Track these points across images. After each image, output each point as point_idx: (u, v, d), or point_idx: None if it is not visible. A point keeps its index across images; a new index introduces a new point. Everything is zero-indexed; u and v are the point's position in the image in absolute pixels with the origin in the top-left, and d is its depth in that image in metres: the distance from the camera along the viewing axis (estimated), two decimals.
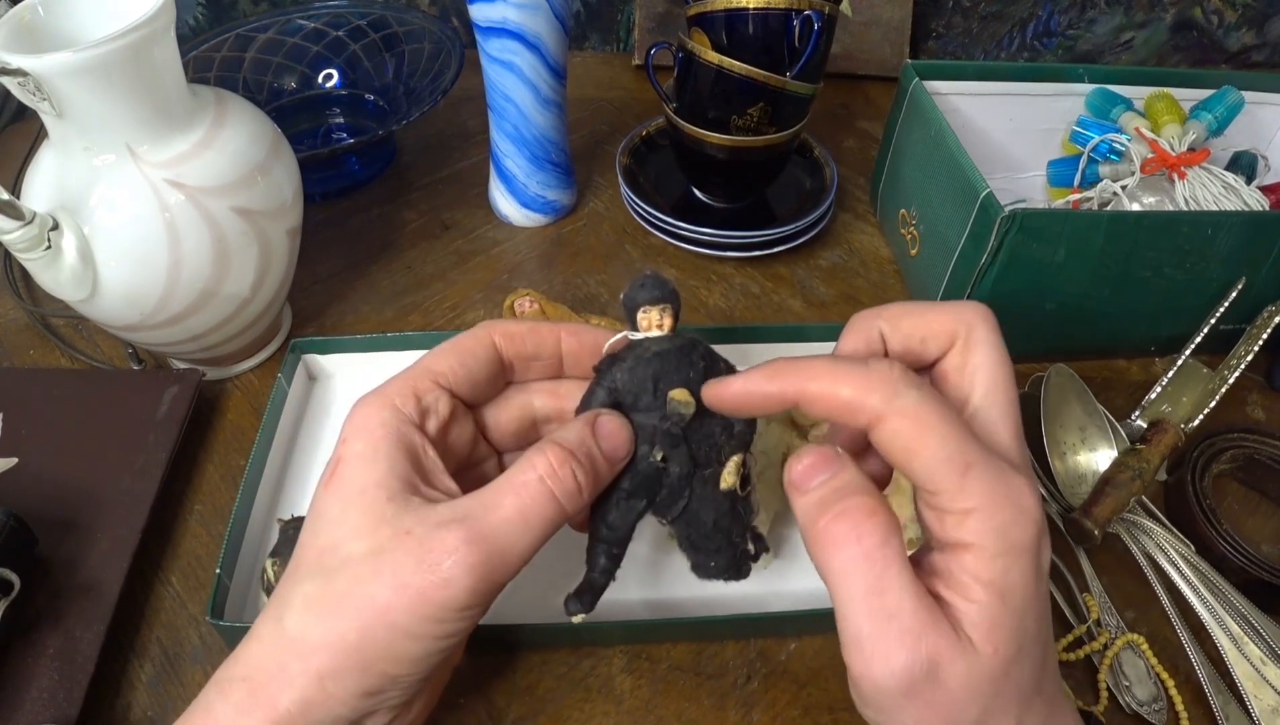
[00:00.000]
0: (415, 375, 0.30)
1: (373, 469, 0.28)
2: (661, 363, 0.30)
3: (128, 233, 0.41)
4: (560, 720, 0.38)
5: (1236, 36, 0.81)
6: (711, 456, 0.31)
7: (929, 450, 0.24)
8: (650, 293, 0.31)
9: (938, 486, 0.24)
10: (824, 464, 0.26)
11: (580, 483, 0.28)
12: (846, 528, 0.25)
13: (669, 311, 0.32)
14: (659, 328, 0.31)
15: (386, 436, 0.28)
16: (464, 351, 0.31)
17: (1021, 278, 0.48)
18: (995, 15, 0.82)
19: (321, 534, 0.28)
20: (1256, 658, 0.39)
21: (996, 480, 0.24)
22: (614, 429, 0.30)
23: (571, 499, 0.28)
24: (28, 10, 0.41)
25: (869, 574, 0.24)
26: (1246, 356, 0.49)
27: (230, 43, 0.69)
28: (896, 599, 0.24)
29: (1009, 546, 0.24)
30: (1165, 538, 0.43)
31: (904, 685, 0.24)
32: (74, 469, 0.44)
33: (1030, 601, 0.24)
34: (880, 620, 0.24)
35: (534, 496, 0.27)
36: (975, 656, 0.24)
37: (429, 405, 0.30)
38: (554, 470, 0.27)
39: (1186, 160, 0.55)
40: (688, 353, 0.30)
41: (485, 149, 0.63)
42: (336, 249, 0.62)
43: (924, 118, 0.54)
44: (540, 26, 0.54)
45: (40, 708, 0.36)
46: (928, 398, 0.25)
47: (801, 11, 0.51)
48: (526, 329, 0.33)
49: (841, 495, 0.25)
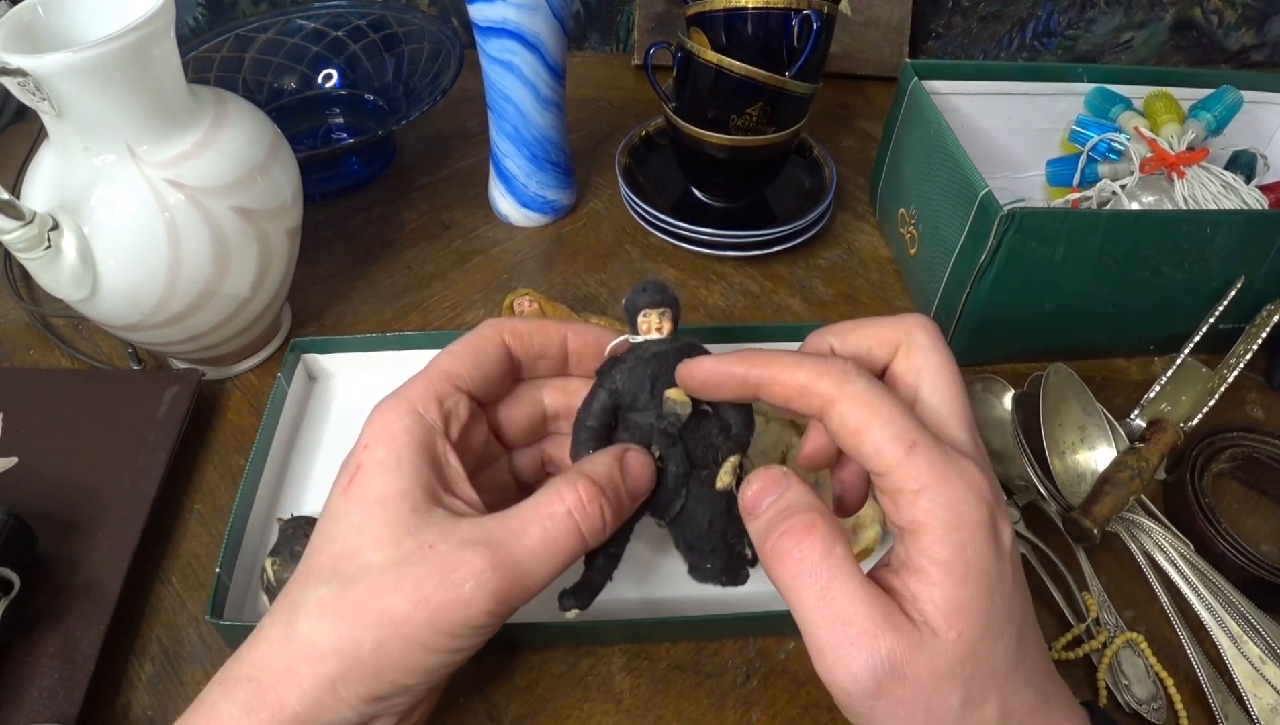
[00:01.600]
0: (435, 378, 0.30)
1: (397, 478, 0.27)
2: (659, 363, 0.31)
3: (127, 232, 0.41)
4: (559, 719, 0.38)
5: (1236, 36, 0.81)
6: (708, 457, 0.31)
7: (875, 429, 0.25)
8: (651, 297, 0.32)
9: (886, 465, 0.25)
10: (771, 486, 0.28)
11: (606, 519, 0.28)
12: (790, 544, 0.26)
13: (668, 315, 0.32)
14: (659, 331, 0.32)
15: (410, 443, 0.28)
16: (478, 352, 0.31)
17: (1020, 277, 0.48)
18: (995, 15, 0.82)
19: (338, 540, 0.27)
20: (1255, 656, 0.39)
21: (943, 459, 0.25)
22: (640, 467, 0.30)
23: (596, 534, 0.28)
24: (27, 10, 0.41)
25: (815, 585, 0.25)
26: (1245, 355, 0.49)
27: (230, 43, 0.70)
28: (847, 604, 0.24)
29: (960, 522, 0.24)
30: (1164, 537, 0.43)
31: (870, 687, 0.24)
32: (74, 469, 0.44)
33: (993, 580, 0.25)
34: (835, 627, 0.24)
35: (561, 529, 0.27)
36: (938, 644, 0.24)
37: (450, 409, 0.30)
38: (583, 506, 0.28)
39: (1185, 159, 0.55)
40: (685, 354, 0.31)
41: (485, 149, 0.63)
42: (336, 249, 0.62)
43: (923, 117, 0.54)
44: (540, 26, 0.54)
45: (40, 707, 0.36)
46: (875, 385, 0.26)
47: (800, 11, 0.51)
48: (535, 328, 0.33)
49: (785, 515, 0.26)
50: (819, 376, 0.27)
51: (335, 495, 0.28)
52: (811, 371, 0.27)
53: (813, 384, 0.27)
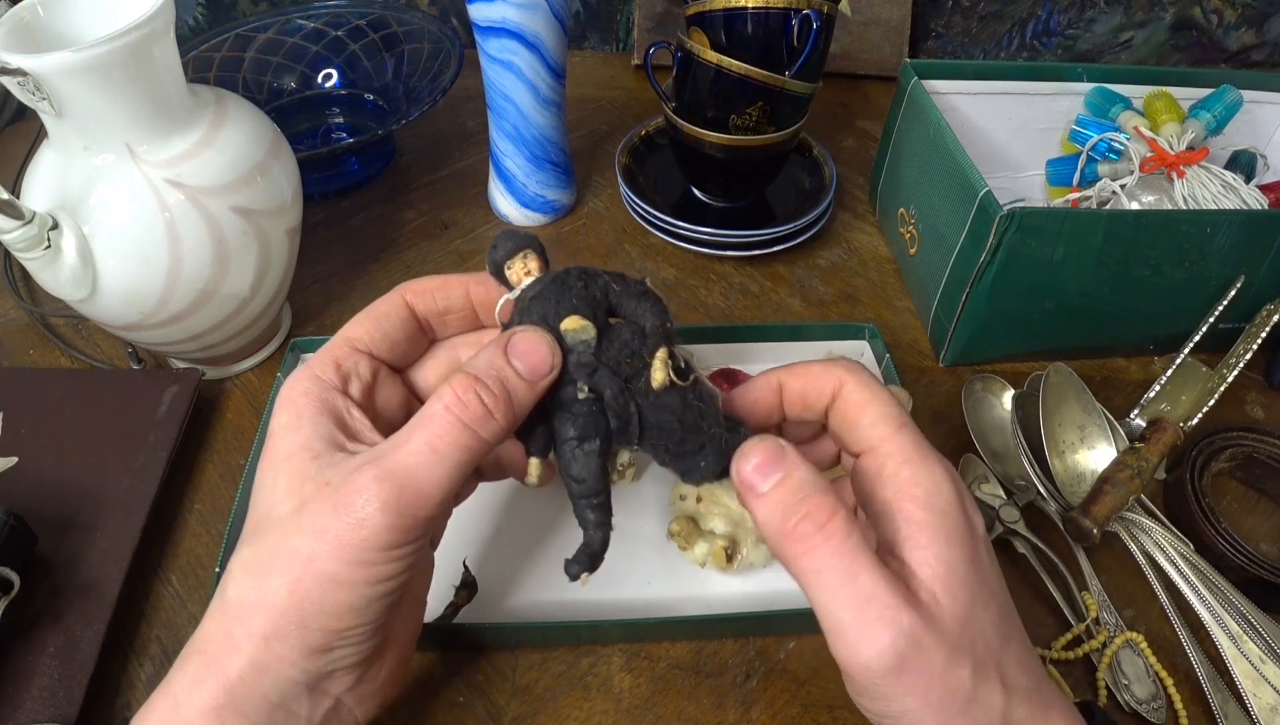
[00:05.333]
0: (333, 345, 0.31)
1: (297, 434, 0.28)
2: (541, 303, 0.29)
3: (127, 232, 0.41)
4: (559, 719, 0.38)
5: (1236, 36, 0.81)
6: (637, 365, 0.29)
7: (876, 406, 0.29)
8: (506, 247, 0.31)
9: (880, 437, 0.28)
10: (774, 463, 0.27)
11: (489, 407, 0.27)
12: (811, 529, 0.26)
13: (532, 255, 0.31)
14: (529, 275, 0.31)
15: (309, 403, 0.29)
16: (378, 316, 0.32)
17: (1020, 276, 0.48)
18: (995, 15, 0.82)
19: (258, 504, 0.28)
20: (1255, 656, 0.39)
21: (924, 444, 0.28)
22: (530, 345, 0.28)
23: (484, 424, 0.27)
24: (27, 10, 0.41)
25: (840, 567, 0.26)
26: (1245, 355, 0.49)
27: (230, 43, 0.70)
28: (870, 582, 0.25)
29: (939, 492, 0.27)
30: (1164, 536, 0.43)
31: (894, 661, 0.25)
32: (74, 469, 0.44)
33: (972, 550, 0.27)
34: (859, 605, 0.25)
35: (441, 427, 0.27)
36: (943, 613, 0.25)
37: (349, 370, 0.31)
38: (458, 398, 0.27)
39: (1185, 159, 0.55)
40: (562, 282, 0.30)
41: (485, 148, 0.63)
42: (336, 249, 0.62)
43: (923, 117, 0.54)
44: (539, 26, 0.54)
45: (40, 706, 0.36)
46: (873, 378, 0.30)
47: (800, 11, 0.51)
48: (436, 284, 0.33)
49: (800, 498, 0.27)
50: (830, 366, 0.30)
51: (258, 468, 0.29)
52: (824, 365, 0.31)
53: (829, 372, 0.30)
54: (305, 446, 0.28)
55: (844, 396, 0.30)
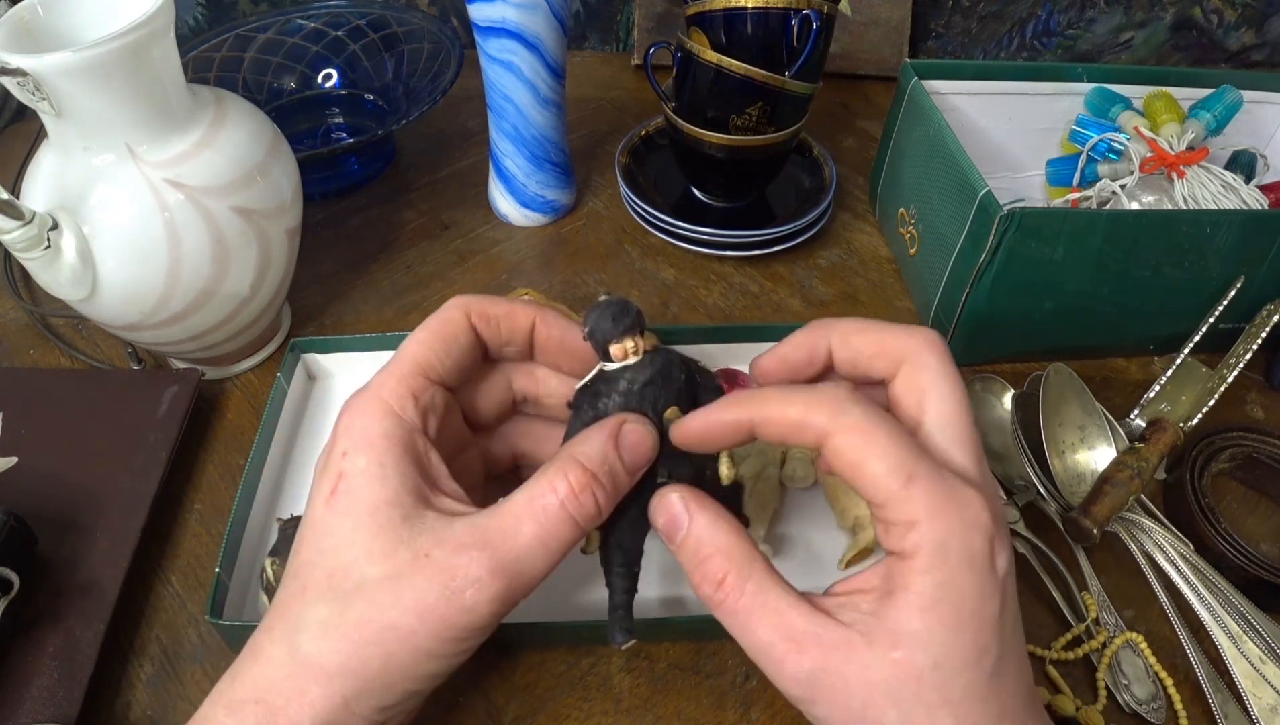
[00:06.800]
0: (407, 373, 0.29)
1: (383, 486, 0.27)
2: (653, 390, 0.30)
3: (127, 232, 0.41)
4: (559, 719, 0.38)
5: (1236, 36, 0.81)
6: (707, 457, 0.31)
7: (873, 461, 0.25)
8: (621, 324, 0.30)
9: (883, 497, 0.25)
10: (673, 525, 0.28)
11: (600, 505, 0.27)
12: (710, 589, 0.27)
13: (638, 333, 0.31)
14: (634, 354, 0.30)
15: (391, 448, 0.27)
16: (447, 338, 0.30)
17: (1020, 276, 0.48)
18: (995, 15, 0.82)
19: (329, 554, 0.27)
20: (1255, 656, 0.39)
21: (942, 491, 0.24)
22: (639, 438, 0.29)
23: (590, 522, 0.27)
24: (27, 10, 0.41)
25: (737, 623, 0.26)
26: (1245, 355, 0.49)
27: (230, 43, 0.70)
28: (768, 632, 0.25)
29: (945, 559, 0.24)
30: (1164, 536, 0.43)
31: (805, 694, 0.25)
32: (74, 469, 0.44)
33: (966, 616, 0.24)
34: (763, 649, 0.26)
35: (554, 522, 0.27)
36: (872, 656, 0.24)
37: (427, 405, 0.29)
38: (575, 495, 0.27)
39: (1185, 159, 0.55)
40: (669, 371, 0.30)
41: (485, 149, 0.63)
42: (336, 249, 0.62)
43: (923, 117, 0.54)
44: (539, 26, 0.54)
45: (40, 706, 0.36)
46: (873, 413, 0.25)
47: (800, 11, 0.51)
48: (501, 312, 0.32)
49: (699, 561, 0.27)
50: (813, 409, 0.26)
51: (318, 505, 0.27)
52: (805, 405, 0.26)
53: (807, 418, 0.26)
54: (393, 503, 0.27)
55: (834, 454, 0.26)
